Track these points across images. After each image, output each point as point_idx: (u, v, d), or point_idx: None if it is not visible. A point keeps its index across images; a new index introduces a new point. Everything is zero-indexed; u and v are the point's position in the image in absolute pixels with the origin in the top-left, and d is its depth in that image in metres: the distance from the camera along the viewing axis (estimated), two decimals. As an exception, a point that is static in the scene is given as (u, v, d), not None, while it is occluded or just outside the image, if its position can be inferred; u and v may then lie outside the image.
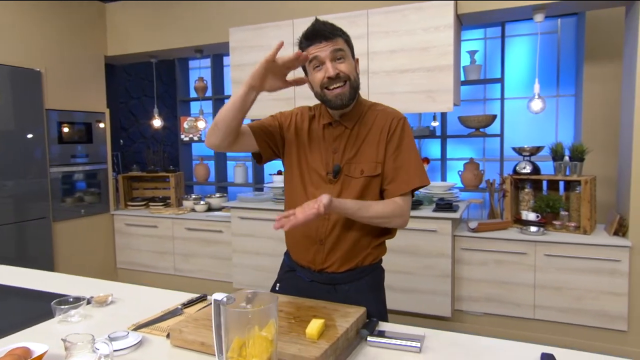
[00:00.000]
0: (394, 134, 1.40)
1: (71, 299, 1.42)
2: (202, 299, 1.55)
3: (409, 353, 1.16)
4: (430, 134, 3.97)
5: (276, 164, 5.03)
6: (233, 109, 1.31)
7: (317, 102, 1.48)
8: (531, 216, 3.01)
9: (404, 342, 1.19)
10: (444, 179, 4.11)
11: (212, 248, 3.88)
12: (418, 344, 1.17)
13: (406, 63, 3.07)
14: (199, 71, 5.35)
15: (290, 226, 1.19)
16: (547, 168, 3.30)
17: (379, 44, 3.16)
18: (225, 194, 4.40)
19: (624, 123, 2.92)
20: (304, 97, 2.90)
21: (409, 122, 1.45)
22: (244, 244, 3.64)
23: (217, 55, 4.88)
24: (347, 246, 1.41)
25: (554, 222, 2.98)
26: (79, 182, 4.07)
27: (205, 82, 4.97)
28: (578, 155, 2.91)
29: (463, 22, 3.27)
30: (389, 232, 1.47)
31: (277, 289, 1.58)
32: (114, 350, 1.13)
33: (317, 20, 1.36)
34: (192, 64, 5.46)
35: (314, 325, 1.15)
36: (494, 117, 3.69)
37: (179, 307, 1.47)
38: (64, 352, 0.99)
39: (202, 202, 4.20)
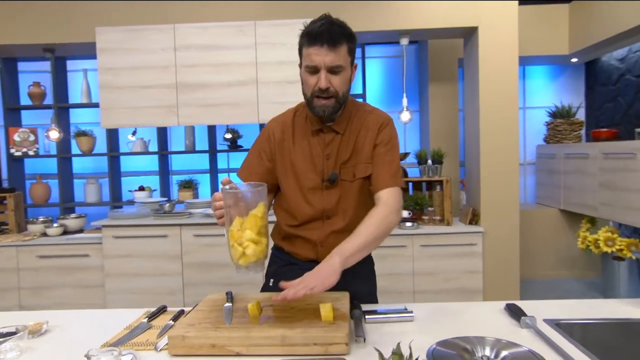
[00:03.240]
0: (381, 134, 1.40)
1: (4, 332, 1.15)
2: (162, 310, 1.40)
3: (406, 322, 1.28)
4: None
5: (134, 180, 4.65)
6: None
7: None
8: (404, 213, 3.43)
9: (398, 315, 1.30)
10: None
11: (76, 276, 3.36)
12: (412, 314, 1.29)
13: (294, 74, 3.21)
14: (33, 75, 4.59)
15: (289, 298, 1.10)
16: (409, 171, 3.80)
17: (266, 55, 3.25)
18: (83, 215, 3.86)
19: (469, 134, 3.58)
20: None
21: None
22: (120, 266, 3.26)
23: (60, 58, 4.28)
24: None
25: (423, 217, 3.46)
26: None
27: (43, 87, 4.31)
28: (438, 159, 3.45)
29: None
30: None
31: (270, 284, 1.54)
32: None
33: (326, 20, 1.28)
34: (21, 66, 4.65)
35: (327, 309, 1.18)
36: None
37: (144, 320, 1.31)
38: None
39: (55, 225, 3.60)
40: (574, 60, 4.53)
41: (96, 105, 4.03)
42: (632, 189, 3.22)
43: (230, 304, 1.28)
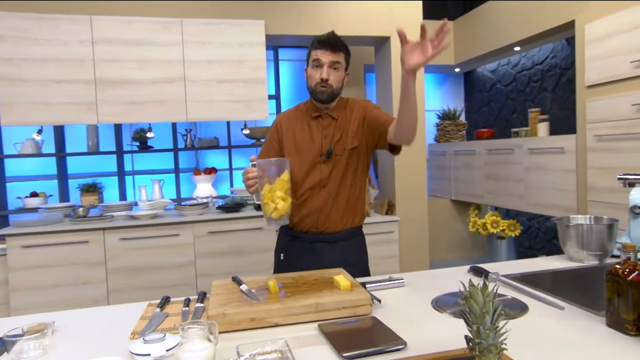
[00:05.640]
0: (367, 107, 1.80)
1: (23, 330, 1.08)
2: (166, 300, 1.40)
3: (399, 288, 1.47)
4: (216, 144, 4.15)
5: (21, 186, 4.13)
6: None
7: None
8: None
9: (392, 282, 1.49)
10: (232, 185, 4.37)
11: (-29, 294, 2.93)
12: (403, 280, 1.49)
13: (223, 73, 3.23)
14: None
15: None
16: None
17: (194, 53, 3.20)
18: (-30, 225, 3.35)
19: (380, 132, 3.94)
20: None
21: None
22: (31, 278, 2.93)
23: None
24: (340, 211, 1.78)
25: (345, 210, 3.72)
26: None
27: None
28: (356, 156, 3.74)
29: (267, 42, 3.69)
30: (364, 200, 1.84)
31: (281, 258, 1.81)
32: (168, 350, 1.00)
33: (332, 33, 1.73)
34: None
35: (343, 279, 1.33)
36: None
37: (157, 310, 1.30)
38: None
39: None
40: (457, 70, 5.24)
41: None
42: (511, 178, 3.88)
43: (247, 286, 1.34)
